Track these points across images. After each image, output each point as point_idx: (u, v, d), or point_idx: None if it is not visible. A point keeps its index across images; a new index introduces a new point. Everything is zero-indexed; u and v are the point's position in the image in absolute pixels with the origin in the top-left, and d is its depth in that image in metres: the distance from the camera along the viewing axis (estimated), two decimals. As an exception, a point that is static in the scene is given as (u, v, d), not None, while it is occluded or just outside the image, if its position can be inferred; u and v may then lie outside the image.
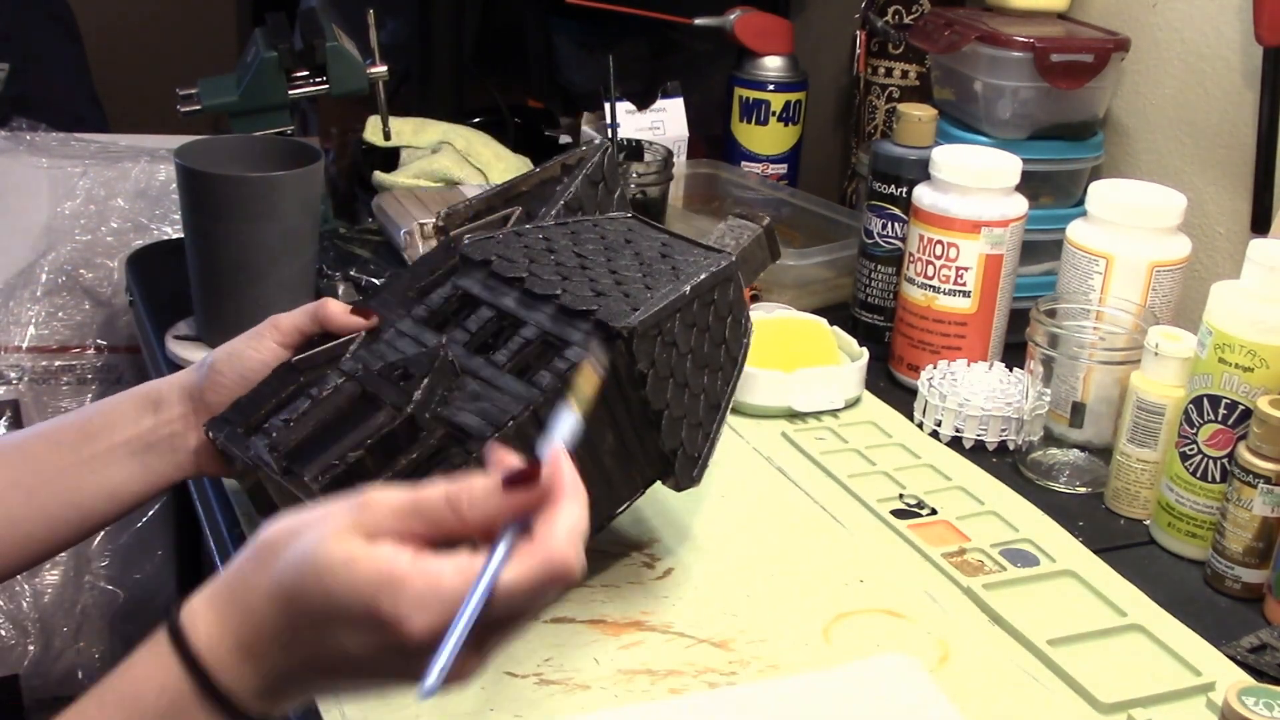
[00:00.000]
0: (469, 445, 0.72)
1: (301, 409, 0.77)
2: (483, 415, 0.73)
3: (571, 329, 0.76)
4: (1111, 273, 1.05)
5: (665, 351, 0.77)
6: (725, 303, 0.82)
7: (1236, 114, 1.17)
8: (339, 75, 1.32)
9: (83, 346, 1.60)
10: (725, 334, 0.82)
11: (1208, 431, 0.90)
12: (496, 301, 0.80)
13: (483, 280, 0.81)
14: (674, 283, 0.79)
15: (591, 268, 0.81)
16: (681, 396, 0.79)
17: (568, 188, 0.89)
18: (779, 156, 1.56)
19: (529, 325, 0.78)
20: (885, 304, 1.21)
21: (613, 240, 0.84)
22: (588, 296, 0.77)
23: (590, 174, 0.90)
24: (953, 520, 0.95)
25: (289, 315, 0.84)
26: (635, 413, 0.77)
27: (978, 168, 1.10)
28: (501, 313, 0.79)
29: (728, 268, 0.81)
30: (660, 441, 0.78)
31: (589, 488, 0.62)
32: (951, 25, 1.24)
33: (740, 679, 0.77)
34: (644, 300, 0.77)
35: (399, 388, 0.76)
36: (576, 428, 0.60)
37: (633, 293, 0.78)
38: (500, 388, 0.75)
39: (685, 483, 0.81)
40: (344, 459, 0.73)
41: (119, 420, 0.81)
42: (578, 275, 0.80)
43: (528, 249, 0.83)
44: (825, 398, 1.09)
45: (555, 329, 0.77)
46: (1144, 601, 0.87)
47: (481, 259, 0.82)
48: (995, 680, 0.79)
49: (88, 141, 1.67)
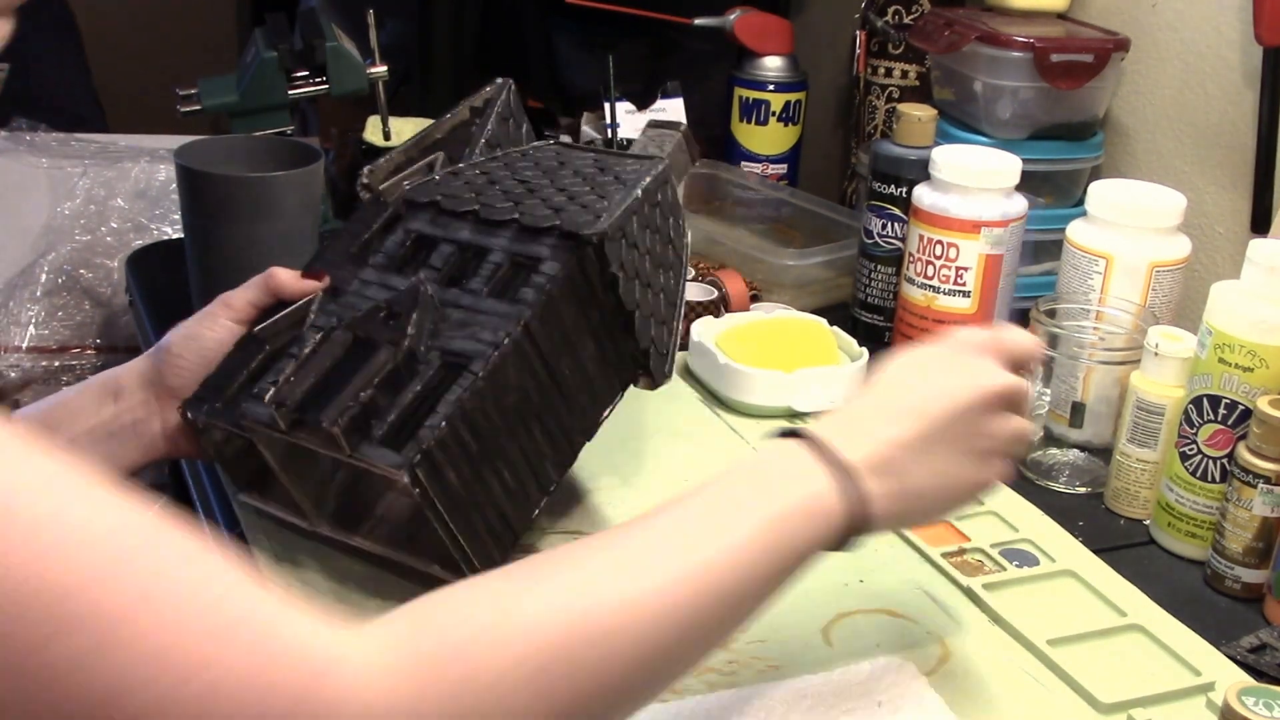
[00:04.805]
0: (472, 367, 0.75)
1: (289, 369, 0.77)
2: (476, 339, 0.76)
3: (538, 245, 0.79)
4: (1111, 273, 1.05)
5: (630, 253, 0.81)
6: (667, 204, 0.86)
7: (1236, 114, 1.17)
8: (339, 75, 1.32)
9: (83, 347, 1.60)
10: (670, 233, 0.87)
11: (1208, 431, 0.90)
12: (453, 236, 0.83)
13: (432, 219, 0.84)
14: (623, 190, 0.82)
15: (538, 190, 0.84)
16: (647, 295, 0.83)
17: (484, 126, 0.92)
18: (779, 156, 1.56)
19: (494, 251, 0.81)
20: (885, 304, 1.21)
21: (548, 165, 0.88)
22: (546, 215, 0.80)
23: (500, 111, 0.93)
24: (952, 520, 0.95)
25: (238, 292, 0.85)
26: (609, 317, 0.81)
27: (978, 168, 1.10)
28: (461, 245, 0.82)
29: (664, 170, 0.87)
30: (634, 342, 0.83)
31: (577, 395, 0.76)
32: (951, 25, 1.24)
33: (740, 679, 0.77)
34: (602, 210, 0.80)
35: (390, 327, 0.77)
36: None
37: (587, 204, 0.81)
38: (485, 311, 0.78)
39: (659, 379, 0.86)
40: (357, 399, 0.74)
41: (79, 411, 0.82)
42: (528, 199, 0.83)
43: (469, 184, 0.86)
44: (825, 398, 1.09)
45: (521, 248, 0.80)
46: (1144, 601, 0.87)
47: (427, 200, 0.84)
48: (995, 680, 0.79)
49: (88, 141, 1.67)
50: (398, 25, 1.76)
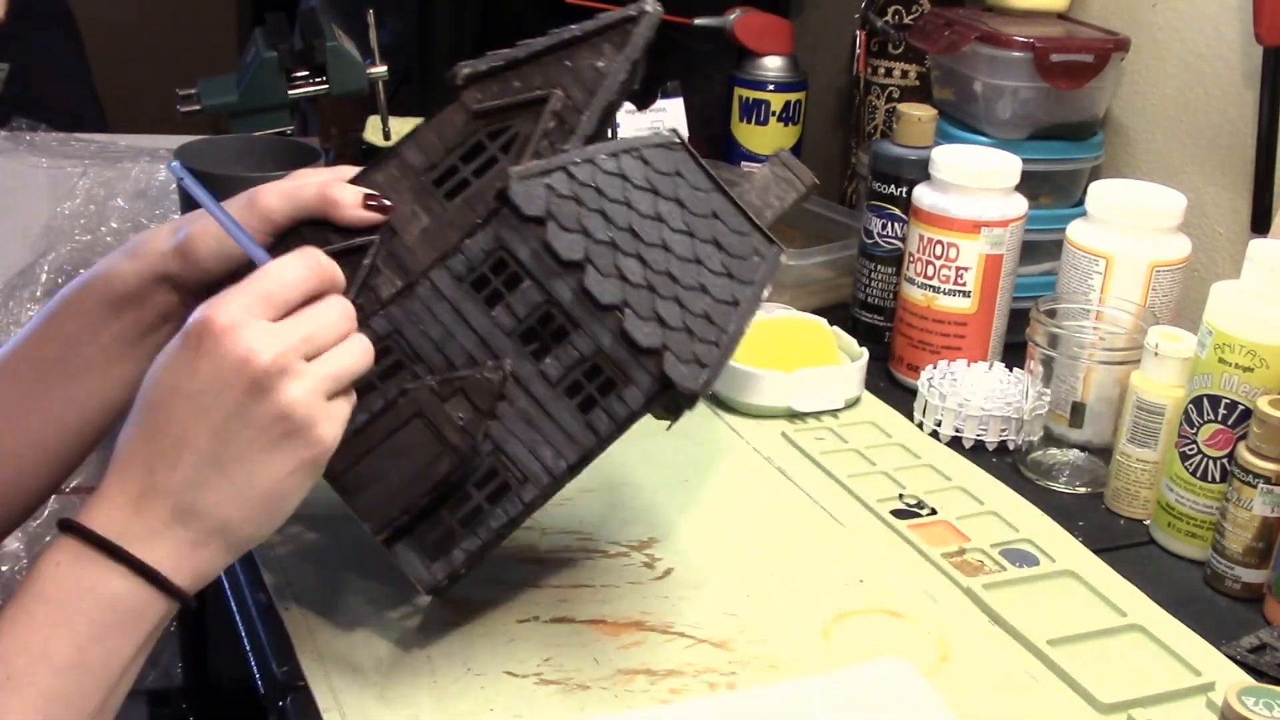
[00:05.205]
0: (523, 495, 0.72)
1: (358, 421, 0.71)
2: (534, 453, 0.73)
3: (634, 364, 0.72)
4: (1111, 273, 1.05)
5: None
6: None
7: (1236, 114, 1.17)
8: (339, 75, 1.32)
9: (83, 346, 1.60)
10: None
11: (1208, 431, 0.90)
12: (550, 286, 0.73)
13: (535, 250, 0.73)
14: (730, 311, 0.75)
15: (651, 262, 0.74)
16: None
17: (615, 79, 0.78)
18: (779, 156, 1.56)
19: (585, 336, 0.73)
20: (885, 304, 1.21)
21: (664, 191, 0.76)
22: (651, 330, 0.72)
23: (629, 53, 0.79)
24: (952, 520, 0.95)
25: (275, 199, 0.72)
26: None
27: (978, 168, 1.10)
28: (552, 299, 0.73)
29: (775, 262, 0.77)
30: None
31: None
32: (951, 25, 1.24)
33: (740, 679, 0.77)
34: (708, 352, 0.73)
35: (460, 427, 0.71)
36: None
37: (695, 329, 0.73)
38: (553, 414, 0.73)
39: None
40: (407, 509, 0.72)
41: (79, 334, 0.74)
42: (635, 270, 0.73)
43: (580, 206, 0.73)
44: (825, 398, 1.09)
45: (615, 355, 0.72)
46: (1144, 601, 0.87)
47: (533, 215, 0.72)
48: (995, 680, 0.79)
49: (88, 141, 1.67)
50: (398, 25, 1.76)
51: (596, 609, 0.82)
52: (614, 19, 0.78)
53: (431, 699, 0.73)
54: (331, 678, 0.75)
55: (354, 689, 0.74)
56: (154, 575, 0.60)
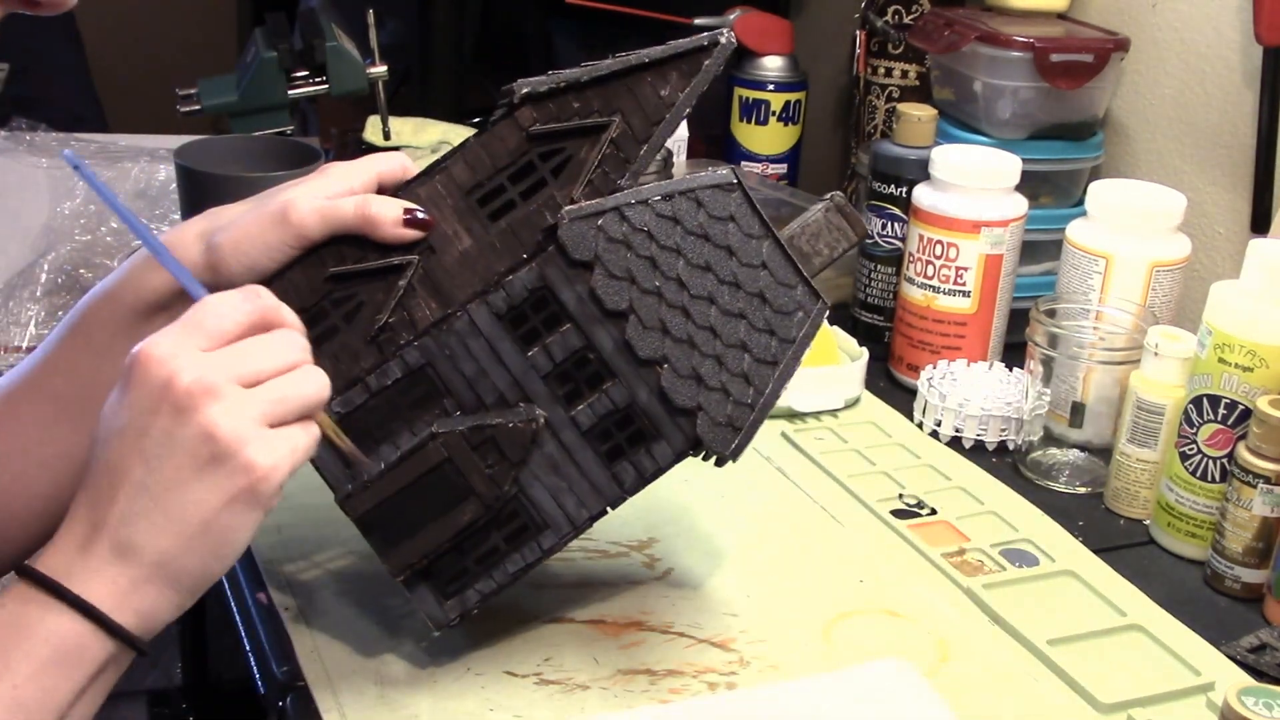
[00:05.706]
0: (543, 541, 0.73)
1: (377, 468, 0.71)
2: (558, 501, 0.73)
3: (668, 422, 0.72)
4: (1111, 273, 1.05)
5: None
6: None
7: (1236, 114, 1.17)
8: (339, 75, 1.32)
9: (83, 346, 1.60)
10: None
11: (1207, 431, 0.90)
12: (590, 333, 0.72)
13: (579, 295, 0.71)
14: (769, 372, 0.73)
15: (694, 313, 0.72)
16: None
17: (679, 112, 0.75)
18: (779, 156, 1.56)
19: (621, 387, 0.72)
20: (885, 304, 1.21)
21: (715, 238, 0.73)
22: (689, 391, 0.72)
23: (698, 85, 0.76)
24: (952, 520, 0.95)
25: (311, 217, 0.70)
26: None
27: (978, 168, 1.10)
28: (592, 345, 0.72)
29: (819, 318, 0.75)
30: None
31: None
32: (951, 25, 1.24)
33: (740, 679, 0.77)
34: (743, 413, 0.72)
35: (489, 471, 0.71)
36: None
37: (732, 389, 0.72)
38: (580, 463, 0.73)
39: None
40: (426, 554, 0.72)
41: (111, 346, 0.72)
42: (679, 324, 0.72)
43: (630, 250, 0.72)
44: (825, 398, 1.09)
45: (650, 410, 0.72)
46: (1144, 601, 0.87)
47: (582, 260, 0.71)
48: (995, 680, 0.79)
49: (88, 141, 1.67)
50: (398, 25, 1.76)
51: (596, 609, 0.82)
52: (685, 47, 0.75)
53: (431, 699, 0.73)
54: (331, 678, 0.75)
55: (354, 689, 0.74)
56: (92, 611, 0.60)
